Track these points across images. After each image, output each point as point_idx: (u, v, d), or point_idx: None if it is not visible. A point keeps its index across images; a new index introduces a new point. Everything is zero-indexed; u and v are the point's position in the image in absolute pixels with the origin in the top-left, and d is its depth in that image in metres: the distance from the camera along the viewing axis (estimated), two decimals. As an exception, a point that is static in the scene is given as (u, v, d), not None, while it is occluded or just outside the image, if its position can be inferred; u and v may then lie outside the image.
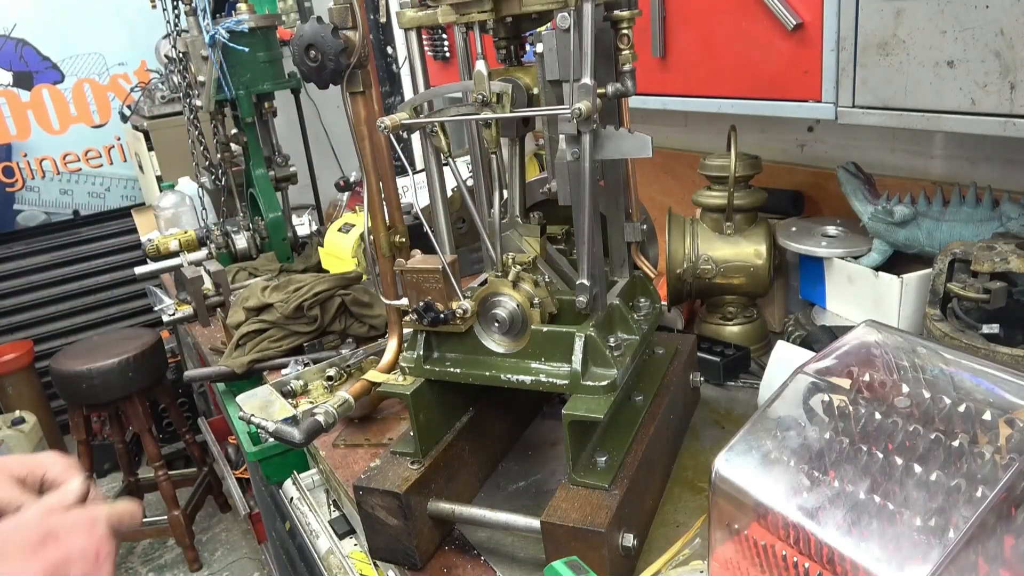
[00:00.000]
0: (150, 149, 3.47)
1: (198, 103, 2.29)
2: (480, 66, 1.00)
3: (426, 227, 1.12)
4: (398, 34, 3.06)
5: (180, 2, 2.13)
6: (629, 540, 0.96)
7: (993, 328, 1.11)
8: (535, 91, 1.06)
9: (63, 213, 4.22)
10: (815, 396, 0.87)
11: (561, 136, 0.98)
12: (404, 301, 1.10)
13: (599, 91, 0.95)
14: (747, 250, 1.49)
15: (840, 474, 0.78)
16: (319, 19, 1.20)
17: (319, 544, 1.47)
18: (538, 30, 1.11)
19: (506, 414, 1.30)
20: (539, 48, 0.99)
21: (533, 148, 2.28)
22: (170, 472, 3.34)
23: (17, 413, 4.08)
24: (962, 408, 0.79)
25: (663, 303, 1.26)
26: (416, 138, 2.10)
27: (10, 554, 0.73)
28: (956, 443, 0.75)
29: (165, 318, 1.99)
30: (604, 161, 1.08)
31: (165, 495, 3.27)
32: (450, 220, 1.16)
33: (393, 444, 1.15)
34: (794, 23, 1.16)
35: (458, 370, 1.10)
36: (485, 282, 1.11)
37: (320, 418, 1.19)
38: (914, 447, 0.77)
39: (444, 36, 2.17)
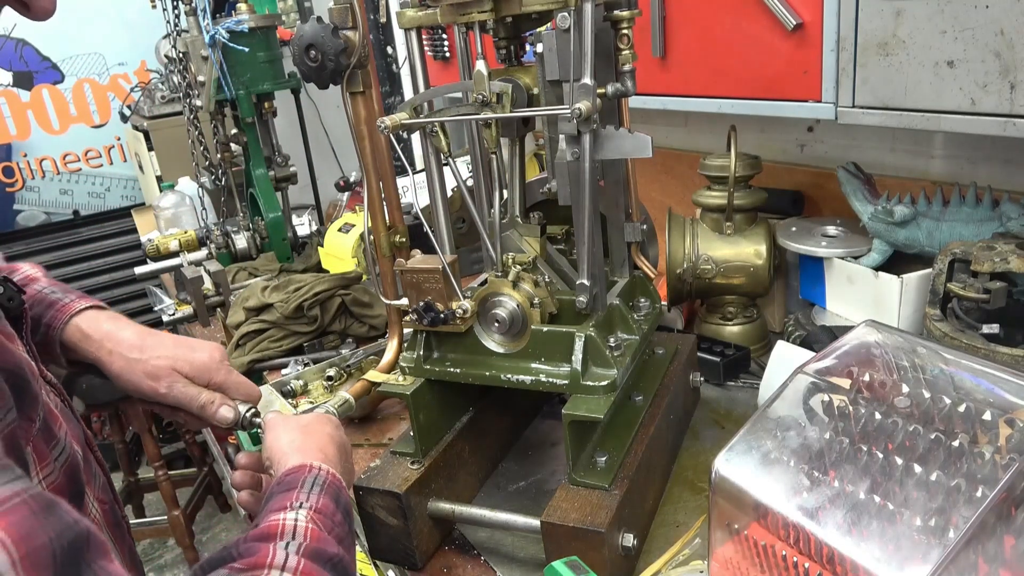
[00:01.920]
0: (150, 149, 3.47)
1: (198, 103, 2.29)
2: (480, 66, 1.00)
3: (426, 227, 1.12)
4: (398, 34, 3.05)
5: (180, 2, 2.13)
6: (629, 540, 0.96)
7: (993, 328, 1.11)
8: (535, 91, 1.06)
9: (63, 213, 4.22)
10: (815, 396, 0.87)
11: (561, 136, 0.98)
12: (404, 301, 1.10)
13: (599, 91, 0.95)
14: (747, 250, 1.49)
15: (840, 474, 0.78)
16: (319, 19, 1.20)
17: (319, 544, 1.47)
18: (538, 30, 1.11)
19: (506, 414, 1.30)
20: (539, 48, 0.99)
21: (533, 148, 2.28)
22: (170, 472, 3.33)
23: (17, 413, 4.07)
24: (962, 408, 0.79)
25: (663, 303, 1.26)
26: (416, 138, 2.10)
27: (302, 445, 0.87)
28: (956, 443, 0.75)
29: (165, 318, 1.99)
30: (604, 161, 1.08)
31: (165, 495, 3.27)
32: (450, 220, 1.16)
33: (393, 444, 1.15)
34: (794, 23, 1.16)
35: (458, 370, 1.10)
36: (485, 282, 1.11)
37: (320, 418, 1.18)
38: (914, 447, 0.77)
39: (444, 36, 2.17)
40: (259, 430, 0.96)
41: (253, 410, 1.00)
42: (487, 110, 1.01)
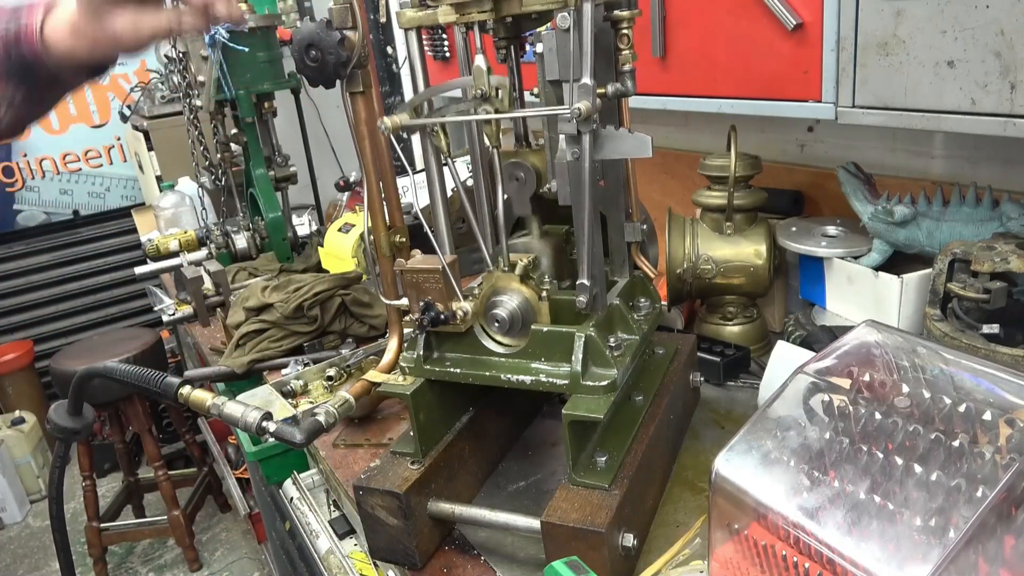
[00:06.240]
0: (150, 149, 3.47)
1: (198, 103, 2.29)
2: (479, 61, 1.00)
3: (426, 227, 1.12)
4: (398, 34, 3.06)
5: (180, 2, 2.13)
6: (629, 540, 0.96)
7: (993, 328, 1.11)
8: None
9: (63, 213, 4.22)
10: (815, 396, 0.87)
11: (561, 136, 0.98)
12: (404, 301, 1.10)
13: (599, 91, 0.95)
14: (747, 250, 1.49)
15: (840, 474, 0.78)
16: (311, 19, 1.20)
17: (319, 544, 1.47)
18: (538, 30, 1.11)
19: (506, 414, 1.30)
20: (539, 48, 0.99)
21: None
22: (170, 472, 3.33)
23: (17, 413, 4.08)
24: (962, 408, 0.79)
25: (663, 303, 1.26)
26: (416, 138, 2.10)
27: None
28: (956, 443, 0.75)
29: (165, 318, 1.99)
30: (604, 161, 1.08)
31: (165, 495, 3.27)
32: (450, 220, 1.16)
33: (393, 444, 1.15)
34: (794, 23, 1.16)
35: (458, 370, 1.10)
36: (483, 283, 1.11)
37: (321, 418, 1.18)
38: (914, 447, 0.77)
39: (444, 36, 2.17)
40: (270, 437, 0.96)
41: (265, 414, 1.00)
42: (486, 104, 1.01)
